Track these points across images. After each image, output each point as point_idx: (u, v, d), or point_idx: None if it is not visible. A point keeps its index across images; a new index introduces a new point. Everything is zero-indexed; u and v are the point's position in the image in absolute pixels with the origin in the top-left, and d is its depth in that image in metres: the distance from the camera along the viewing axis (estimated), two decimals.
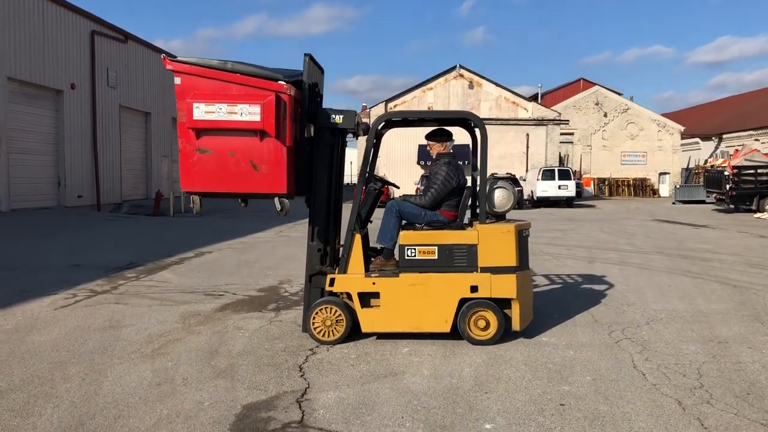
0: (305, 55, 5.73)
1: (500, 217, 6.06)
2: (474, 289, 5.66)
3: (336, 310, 5.73)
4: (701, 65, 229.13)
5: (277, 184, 5.49)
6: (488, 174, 5.90)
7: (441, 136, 6.16)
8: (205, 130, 5.42)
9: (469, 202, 6.16)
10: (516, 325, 5.74)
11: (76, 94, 24.29)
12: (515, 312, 5.72)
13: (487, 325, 5.68)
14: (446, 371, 4.96)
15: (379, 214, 6.01)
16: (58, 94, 23.45)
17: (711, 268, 10.41)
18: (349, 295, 5.81)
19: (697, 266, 10.66)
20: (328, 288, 5.81)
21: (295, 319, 6.65)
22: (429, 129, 6.36)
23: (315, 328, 5.74)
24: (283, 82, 5.43)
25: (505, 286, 5.65)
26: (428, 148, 6.24)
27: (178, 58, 5.55)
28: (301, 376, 4.86)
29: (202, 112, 5.34)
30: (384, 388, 4.59)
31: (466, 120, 6.25)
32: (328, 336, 5.74)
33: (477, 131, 6.06)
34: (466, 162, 35.56)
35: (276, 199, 5.69)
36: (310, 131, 5.89)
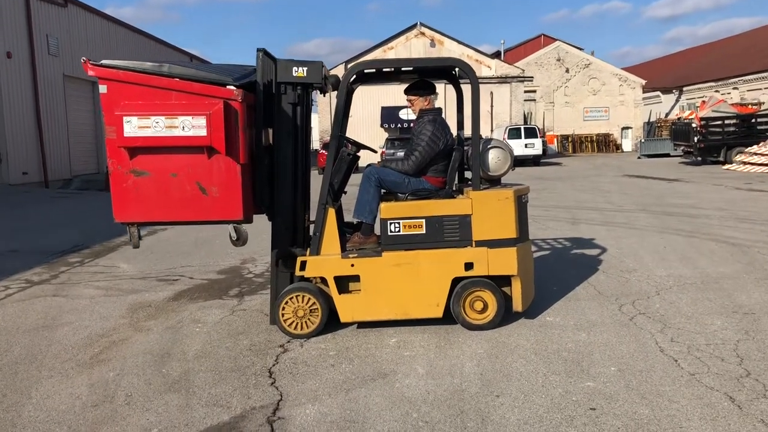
0: (258, 50, 4.79)
1: (494, 182, 5.25)
2: (469, 266, 4.87)
3: (309, 298, 4.89)
4: (657, 20, 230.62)
5: (231, 209, 4.63)
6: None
7: (423, 89, 5.28)
8: (140, 148, 4.48)
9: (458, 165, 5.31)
10: (517, 306, 4.98)
11: (13, 63, 22.54)
12: (516, 291, 4.96)
13: (485, 307, 4.92)
14: (445, 368, 4.17)
15: (355, 181, 5.14)
16: None
17: (702, 226, 9.82)
18: (324, 280, 4.97)
19: (686, 224, 10.08)
20: (298, 273, 4.95)
21: (261, 307, 5.80)
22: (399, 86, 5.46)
23: (285, 320, 4.90)
24: (232, 87, 4.51)
25: (505, 262, 4.87)
26: (408, 104, 5.36)
27: (103, 63, 4.55)
28: (272, 384, 4.02)
29: (134, 127, 4.40)
30: (373, 395, 3.78)
31: (451, 69, 5.38)
32: (301, 328, 4.90)
33: (465, 81, 5.20)
34: (393, 125, 34.54)
35: (231, 227, 4.82)
36: (268, 138, 5.00)
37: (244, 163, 4.61)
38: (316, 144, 35.77)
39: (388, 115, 33.65)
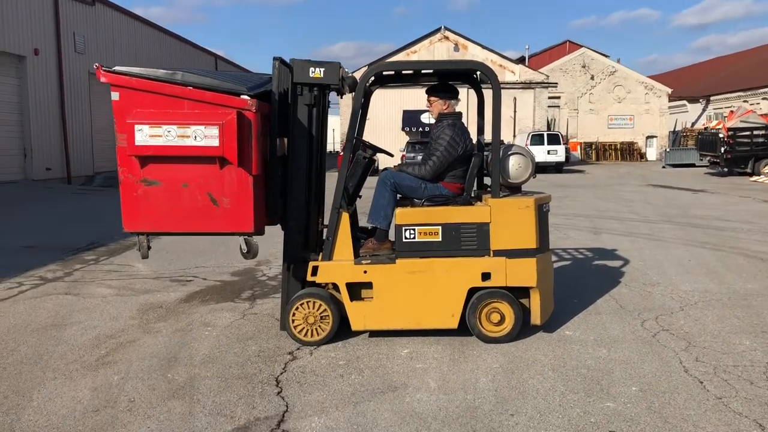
0: (274, 59, 4.71)
1: (515, 190, 5.08)
2: (486, 276, 4.71)
3: (320, 305, 4.75)
4: (686, 27, 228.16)
5: (242, 221, 4.52)
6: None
7: (445, 92, 5.13)
8: (151, 157, 4.40)
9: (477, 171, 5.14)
10: (536, 319, 4.81)
11: (40, 60, 22.75)
12: (535, 303, 4.79)
13: (502, 320, 4.75)
14: (458, 382, 4.01)
15: (370, 185, 5.01)
16: (21, 60, 21.91)
17: (728, 239, 9.54)
18: (335, 286, 4.84)
19: (712, 236, 9.80)
20: (310, 278, 4.82)
21: (273, 311, 5.68)
22: (414, 92, 5.31)
23: (295, 327, 4.77)
24: (246, 97, 4.40)
25: (524, 273, 4.70)
26: (428, 105, 5.20)
27: (115, 69, 4.47)
28: (278, 393, 3.89)
29: (145, 135, 4.31)
30: (383, 409, 3.64)
31: (473, 72, 5.22)
32: (311, 335, 4.77)
33: (487, 86, 5.04)
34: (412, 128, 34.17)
35: (241, 239, 4.71)
36: (283, 148, 4.88)
37: (257, 174, 4.51)
38: (336, 146, 35.73)
39: (410, 119, 33.47)
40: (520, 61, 41.44)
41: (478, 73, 5.21)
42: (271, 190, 4.77)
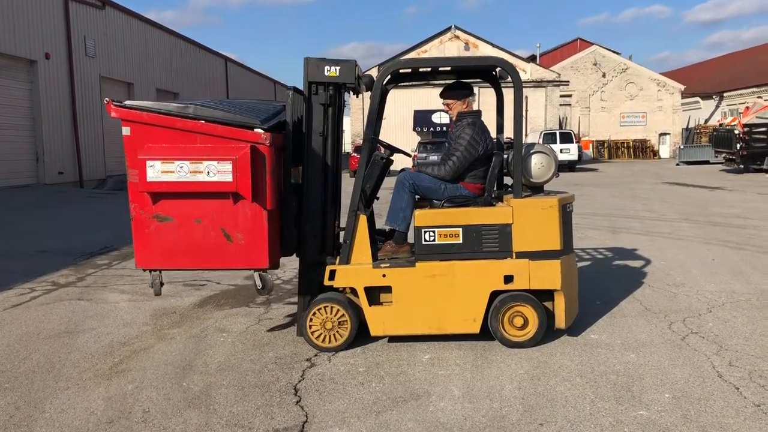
0: (288, 89, 4.67)
1: (537, 190, 4.93)
2: (508, 279, 4.56)
3: (338, 310, 4.63)
4: (698, 24, 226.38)
5: (256, 256, 4.43)
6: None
7: (460, 90, 4.99)
8: (163, 193, 4.31)
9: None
10: (561, 323, 4.66)
11: (51, 64, 22.79)
12: (559, 306, 4.64)
13: (525, 324, 4.60)
14: (483, 390, 3.87)
15: (388, 186, 4.88)
16: (32, 64, 21.95)
17: (750, 237, 9.34)
18: (353, 291, 4.71)
19: (734, 235, 9.59)
20: (327, 282, 4.69)
21: (289, 316, 5.56)
22: (431, 90, 5.17)
23: (313, 333, 4.64)
24: (260, 131, 4.31)
25: (548, 275, 4.55)
26: (445, 107, 5.06)
27: (126, 104, 4.39)
28: (297, 402, 3.76)
29: (157, 171, 4.22)
30: (406, 419, 3.50)
31: (492, 69, 5.08)
32: (329, 341, 4.64)
33: (506, 83, 4.90)
34: (423, 128, 33.91)
35: (256, 275, 4.59)
36: (297, 177, 4.77)
37: (271, 209, 4.41)
38: (348, 147, 35.65)
39: (421, 119, 33.31)
40: (531, 59, 41.16)
41: (498, 69, 5.07)
42: (285, 222, 4.68)
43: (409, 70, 5.33)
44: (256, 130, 4.32)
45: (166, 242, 4.43)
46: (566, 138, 30.53)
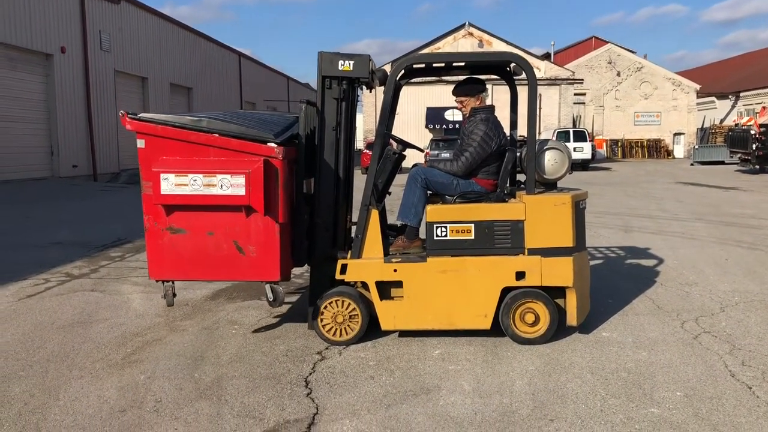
0: (301, 102, 4.71)
1: (550, 186, 4.92)
2: (520, 275, 4.56)
3: (349, 304, 4.64)
4: (715, 23, 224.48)
5: (268, 269, 4.47)
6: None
7: (473, 85, 4.98)
8: (177, 205, 4.35)
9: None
10: (572, 320, 4.65)
11: (67, 58, 22.95)
12: (571, 303, 4.63)
13: (537, 320, 4.60)
14: (493, 385, 3.87)
15: (400, 183, 4.88)
16: (48, 58, 22.12)
17: (765, 237, 9.26)
18: (365, 285, 4.72)
19: (748, 235, 9.52)
20: (338, 276, 4.71)
21: (300, 309, 5.58)
22: (444, 86, 5.16)
23: (324, 326, 4.66)
24: (273, 144, 4.34)
25: (560, 272, 4.54)
26: (459, 104, 5.05)
27: (141, 116, 4.44)
28: (308, 395, 3.78)
29: (171, 184, 4.27)
30: (416, 413, 3.51)
31: (506, 65, 5.07)
32: (340, 335, 4.66)
33: (520, 79, 4.89)
34: (437, 125, 33.72)
35: (267, 287, 4.62)
36: (309, 188, 4.81)
37: (283, 222, 4.44)
38: (359, 144, 35.62)
39: (434, 116, 33.26)
40: (546, 57, 40.99)
41: (512, 65, 5.05)
42: (297, 233, 4.71)
43: (423, 66, 5.33)
44: (269, 144, 4.36)
45: (179, 254, 4.49)
46: (580, 137, 30.37)
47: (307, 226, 4.78)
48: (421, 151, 5.62)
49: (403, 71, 4.97)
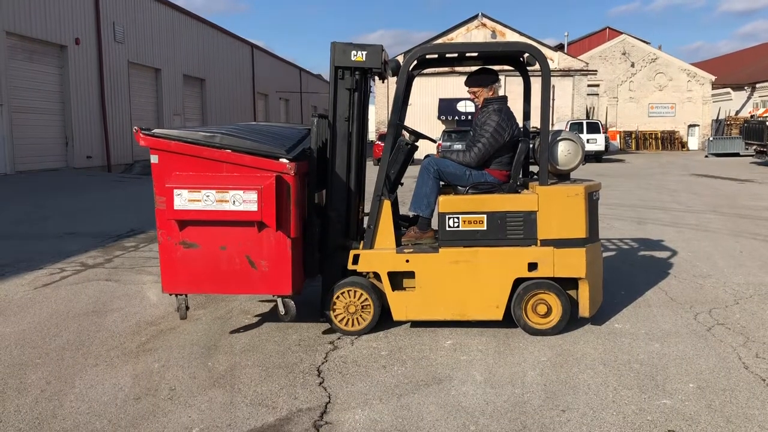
0: (313, 116, 4.72)
1: (563, 177, 4.90)
2: (532, 266, 4.55)
3: (361, 294, 4.66)
4: (732, 13, 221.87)
5: (280, 283, 4.48)
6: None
7: (486, 75, 4.96)
8: (189, 220, 4.38)
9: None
10: (584, 311, 4.64)
11: (81, 49, 23.08)
12: (584, 295, 4.62)
13: (549, 312, 4.59)
14: (505, 376, 3.88)
15: (412, 174, 4.89)
16: (62, 49, 22.26)
17: None
18: (377, 275, 4.73)
19: (763, 227, 9.44)
20: (351, 266, 4.72)
21: (312, 299, 5.60)
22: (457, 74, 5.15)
23: (336, 316, 4.68)
24: (285, 160, 4.33)
25: (572, 263, 4.53)
26: (471, 95, 5.03)
27: (155, 132, 4.43)
28: (320, 384, 3.81)
29: (184, 200, 4.29)
30: (428, 402, 3.53)
31: (520, 55, 5.04)
32: (352, 325, 4.68)
33: (534, 70, 4.86)
34: (448, 116, 33.61)
35: (279, 301, 4.62)
36: (321, 199, 4.82)
37: (295, 237, 4.46)
38: (372, 135, 35.60)
39: (446, 107, 33.18)
40: (559, 48, 40.69)
41: (526, 55, 5.03)
42: (308, 247, 4.72)
43: (436, 56, 5.31)
44: (281, 159, 4.37)
45: (192, 268, 4.52)
46: (593, 128, 30.18)
47: (319, 239, 4.80)
48: (434, 142, 5.61)
49: (415, 62, 4.95)
